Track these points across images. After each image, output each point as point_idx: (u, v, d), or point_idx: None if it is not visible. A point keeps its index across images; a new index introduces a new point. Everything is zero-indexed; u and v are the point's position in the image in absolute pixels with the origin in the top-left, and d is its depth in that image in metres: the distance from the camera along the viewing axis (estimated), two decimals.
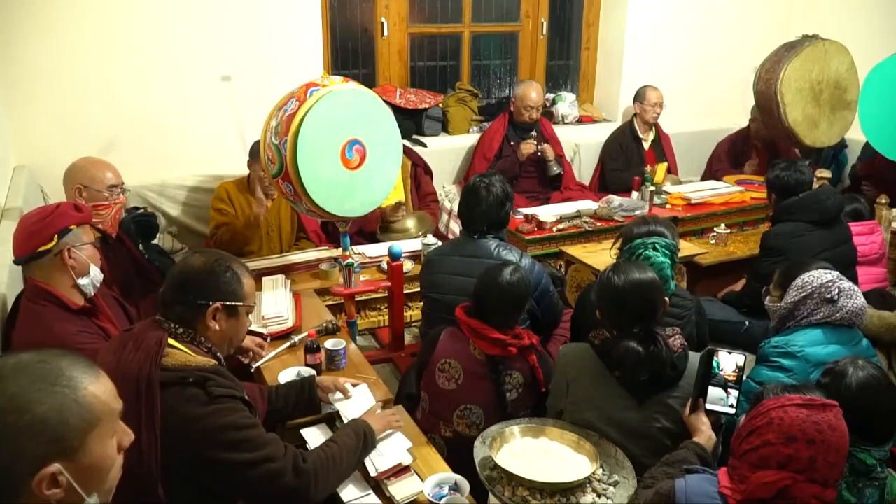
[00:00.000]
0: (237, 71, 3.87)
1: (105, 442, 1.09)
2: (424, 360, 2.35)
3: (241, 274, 1.80)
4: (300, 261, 3.34)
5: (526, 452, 1.91)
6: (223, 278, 1.76)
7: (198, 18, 3.74)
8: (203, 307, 1.72)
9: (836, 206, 3.20)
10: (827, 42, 4.25)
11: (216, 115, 3.85)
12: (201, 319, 1.73)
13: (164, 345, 1.64)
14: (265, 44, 3.91)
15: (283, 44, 3.96)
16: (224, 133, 3.84)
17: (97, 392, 1.09)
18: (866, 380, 1.76)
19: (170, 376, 1.60)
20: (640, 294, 2.03)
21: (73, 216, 2.10)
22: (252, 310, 1.87)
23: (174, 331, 1.71)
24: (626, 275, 2.05)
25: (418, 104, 4.62)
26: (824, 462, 1.41)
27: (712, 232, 4.05)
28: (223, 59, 3.84)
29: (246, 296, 1.81)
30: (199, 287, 1.74)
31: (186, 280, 1.76)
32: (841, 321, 2.29)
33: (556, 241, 3.74)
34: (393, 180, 2.97)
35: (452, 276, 2.72)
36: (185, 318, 1.73)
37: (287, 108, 2.63)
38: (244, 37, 3.86)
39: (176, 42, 3.72)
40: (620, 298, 2.04)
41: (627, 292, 2.03)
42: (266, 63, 3.91)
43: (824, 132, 4.32)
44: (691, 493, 1.50)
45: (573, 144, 5.01)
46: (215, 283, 1.75)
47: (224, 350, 1.81)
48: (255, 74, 3.88)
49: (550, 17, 5.13)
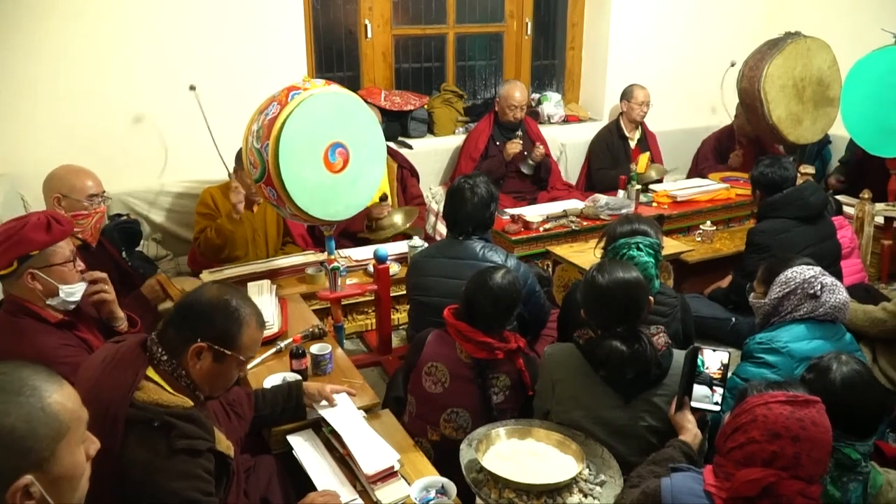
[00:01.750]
0: (220, 75, 3.85)
1: (74, 450, 1.07)
2: (411, 363, 2.34)
3: (246, 322, 1.66)
4: (286, 265, 3.32)
5: (512, 454, 1.90)
6: (223, 318, 1.63)
7: (181, 23, 3.72)
8: (189, 341, 1.62)
9: (819, 202, 3.22)
10: (809, 39, 4.27)
11: (200, 120, 3.83)
12: (186, 353, 1.63)
13: (139, 377, 1.58)
14: (249, 48, 3.90)
15: (267, 47, 3.94)
16: (208, 138, 3.81)
17: (62, 400, 1.07)
18: (850, 375, 1.77)
19: (137, 415, 1.53)
20: (624, 293, 2.03)
21: (37, 241, 1.99)
22: (245, 365, 1.72)
23: (158, 357, 1.63)
24: (611, 274, 2.05)
25: (403, 106, 4.61)
26: (808, 458, 1.42)
27: (698, 229, 4.06)
28: (206, 64, 3.82)
29: (242, 346, 1.66)
30: (195, 318, 1.64)
31: (188, 306, 1.66)
32: (824, 316, 2.31)
33: (543, 241, 3.74)
34: (377, 183, 2.96)
35: (438, 278, 2.71)
36: (173, 345, 1.64)
37: (268, 112, 2.61)
38: (227, 41, 3.84)
39: (158, 47, 3.70)
40: (604, 297, 2.04)
41: (611, 291, 2.03)
42: (250, 67, 3.89)
43: (808, 129, 4.34)
44: (677, 492, 1.50)
45: (559, 144, 5.02)
46: (211, 321, 1.63)
47: (205, 392, 1.69)
48: (239, 79, 3.86)
49: (535, 17, 5.14)
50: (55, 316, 2.07)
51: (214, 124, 3.70)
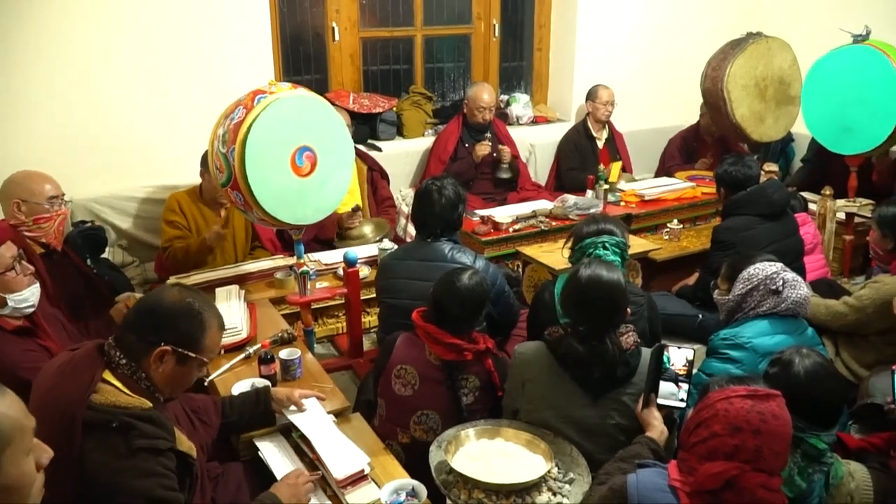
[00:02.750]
0: (185, 78, 3.81)
1: (20, 461, 1.05)
2: (380, 366, 2.34)
3: (209, 324, 1.68)
4: (255, 270, 3.29)
5: (481, 454, 1.91)
6: (186, 321, 1.65)
7: (145, 25, 3.67)
8: (153, 345, 1.62)
9: (782, 200, 3.28)
10: (770, 39, 4.35)
11: (165, 123, 3.79)
12: (147, 357, 1.62)
13: (96, 380, 1.56)
14: (214, 51, 3.86)
15: (234, 51, 3.90)
16: (174, 142, 3.77)
17: (4, 409, 1.05)
18: (813, 367, 1.81)
19: (95, 417, 1.52)
20: (603, 294, 2.03)
21: None
22: (206, 366, 1.74)
23: (116, 361, 1.62)
24: (594, 272, 2.06)
25: (372, 108, 4.61)
26: (769, 451, 1.44)
27: (666, 228, 4.12)
28: (171, 67, 3.77)
29: (204, 349, 1.68)
30: (158, 323, 1.63)
31: (149, 311, 1.66)
32: (786, 311, 2.35)
33: (513, 242, 3.76)
34: (346, 186, 2.95)
35: (407, 280, 2.71)
36: (134, 349, 1.63)
37: (234, 116, 2.60)
38: (192, 44, 3.80)
39: (121, 50, 3.64)
40: (583, 295, 2.05)
41: (591, 290, 2.04)
42: (215, 70, 3.85)
43: (770, 127, 4.42)
44: (643, 487, 1.52)
45: (528, 145, 5.05)
46: (175, 324, 1.64)
47: (165, 394, 1.69)
48: (205, 82, 3.83)
49: (502, 18, 5.16)
50: (12, 323, 2.04)
51: (181, 128, 3.66)
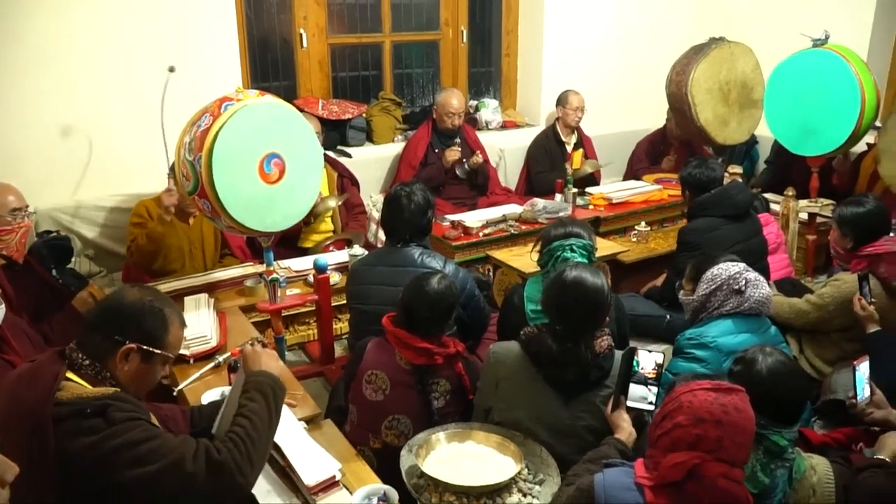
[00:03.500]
0: (153, 86, 3.77)
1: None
2: (351, 372, 2.34)
3: (171, 321, 1.72)
4: (224, 278, 3.27)
5: (452, 458, 1.92)
6: (150, 320, 1.67)
7: (111, 33, 3.64)
8: (118, 343, 1.63)
9: (745, 201, 3.34)
10: (732, 44, 4.43)
11: (131, 132, 3.75)
12: (112, 356, 1.64)
13: (60, 378, 1.55)
14: (181, 58, 3.82)
15: (200, 57, 3.88)
16: (140, 150, 3.73)
17: None
18: (775, 365, 1.85)
19: (64, 411, 1.50)
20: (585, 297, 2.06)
21: None
22: (170, 361, 1.77)
23: (80, 363, 1.62)
24: (579, 274, 2.10)
25: (341, 115, 4.61)
26: (731, 442, 1.48)
27: (634, 230, 4.17)
28: (138, 75, 3.74)
29: (168, 345, 1.71)
30: (122, 321, 1.65)
31: (112, 311, 1.68)
32: (749, 310, 2.40)
33: (483, 246, 3.79)
34: (315, 192, 2.95)
35: (378, 286, 2.72)
36: (97, 349, 1.64)
37: (201, 124, 2.58)
38: (158, 52, 3.77)
39: (87, 57, 3.61)
40: (566, 296, 2.08)
41: (573, 291, 2.07)
42: (183, 77, 3.81)
43: (735, 130, 4.50)
44: (609, 486, 1.55)
45: (498, 150, 5.08)
46: (139, 322, 1.66)
47: (131, 393, 1.68)
48: (172, 89, 3.79)
49: (470, 25, 5.20)
50: None
51: (147, 137, 3.63)
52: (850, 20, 4.74)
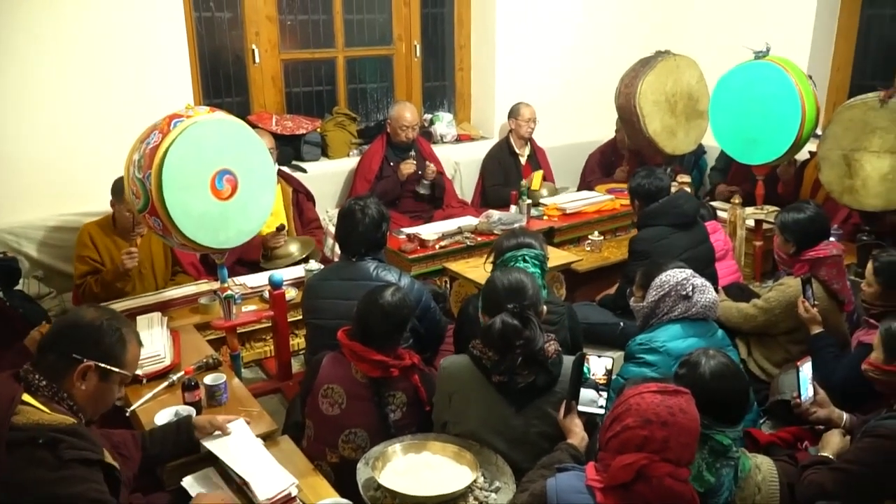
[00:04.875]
0: (100, 103, 3.73)
1: None
2: (307, 387, 2.34)
3: (128, 340, 1.75)
4: (177, 296, 3.23)
5: (408, 469, 1.94)
6: (108, 338, 1.70)
7: (58, 48, 3.58)
8: (75, 362, 1.65)
9: (693, 210, 3.43)
10: (678, 56, 4.56)
11: (78, 150, 3.69)
12: (70, 375, 1.65)
13: (16, 402, 1.54)
14: (129, 75, 3.79)
15: (149, 74, 3.84)
16: (88, 168, 3.67)
17: None
18: (717, 367, 1.91)
19: (19, 436, 1.49)
20: (514, 282, 2.14)
21: None
22: (127, 380, 1.80)
23: (36, 383, 1.62)
24: (507, 272, 2.15)
25: (296, 130, 4.60)
26: (676, 442, 1.53)
27: (587, 239, 4.24)
28: (84, 92, 3.69)
29: (126, 364, 1.74)
30: (79, 340, 1.67)
31: (69, 330, 1.69)
32: (696, 315, 2.47)
33: (439, 259, 3.81)
34: (269, 208, 2.94)
35: (333, 300, 2.72)
36: (54, 369, 1.64)
37: (150, 141, 2.56)
38: (106, 68, 3.73)
39: (32, 73, 3.54)
40: (497, 290, 2.13)
41: (503, 284, 2.14)
42: (131, 95, 3.78)
43: (682, 140, 4.63)
44: (561, 490, 1.58)
45: (453, 163, 5.13)
46: (97, 341, 1.69)
47: (87, 414, 1.71)
48: (120, 106, 3.75)
49: (423, 40, 5.25)
50: None
51: (95, 154, 3.58)
52: (790, 33, 4.91)
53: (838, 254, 3.00)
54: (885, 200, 3.57)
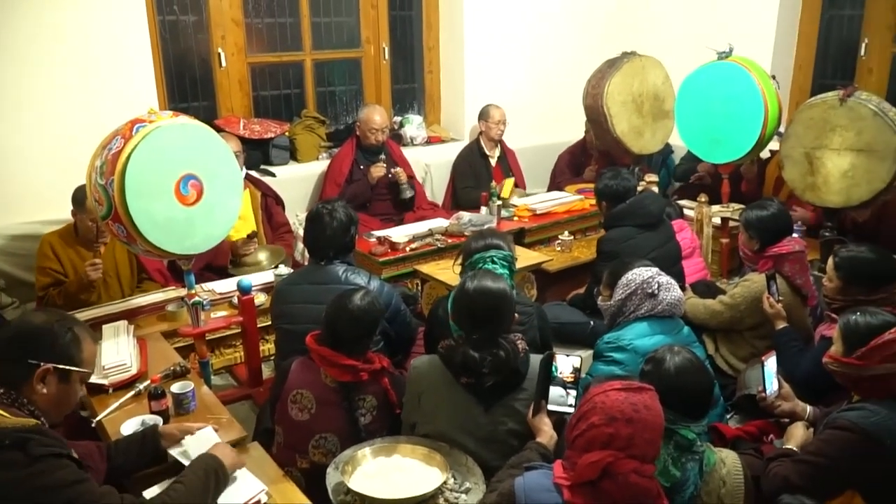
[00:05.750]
0: (61, 109, 3.67)
1: None
2: (276, 393, 2.32)
3: (82, 338, 1.75)
4: (144, 304, 3.19)
5: (378, 472, 1.93)
6: (62, 340, 1.70)
7: (16, 52, 3.51)
8: (33, 367, 1.65)
9: (659, 209, 3.47)
10: (643, 57, 4.62)
11: (38, 155, 3.62)
12: (28, 381, 1.65)
13: None
14: (91, 79, 3.74)
15: (112, 79, 3.79)
16: (50, 175, 3.61)
17: None
18: (682, 363, 1.94)
19: None
20: (487, 302, 2.11)
21: None
22: (88, 377, 1.81)
23: None
24: (480, 282, 2.14)
25: (264, 134, 4.57)
26: (641, 439, 1.54)
27: (557, 240, 4.26)
28: (45, 96, 3.63)
29: (83, 362, 1.76)
30: (33, 345, 1.67)
31: (21, 336, 1.69)
32: (663, 312, 2.51)
33: (410, 261, 3.81)
34: (236, 213, 2.92)
35: (302, 304, 2.70)
36: (11, 377, 1.65)
37: (112, 147, 2.52)
38: (67, 72, 3.67)
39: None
40: (470, 304, 2.13)
41: (477, 298, 2.12)
42: (93, 100, 3.73)
43: (649, 140, 4.68)
44: (529, 489, 1.59)
45: (423, 165, 5.13)
46: (51, 344, 1.69)
47: (50, 417, 1.71)
48: (82, 112, 3.69)
49: (391, 42, 5.24)
50: None
51: (56, 161, 3.52)
52: (753, 34, 4.99)
53: (801, 250, 3.05)
54: (846, 197, 3.64)
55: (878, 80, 4.87)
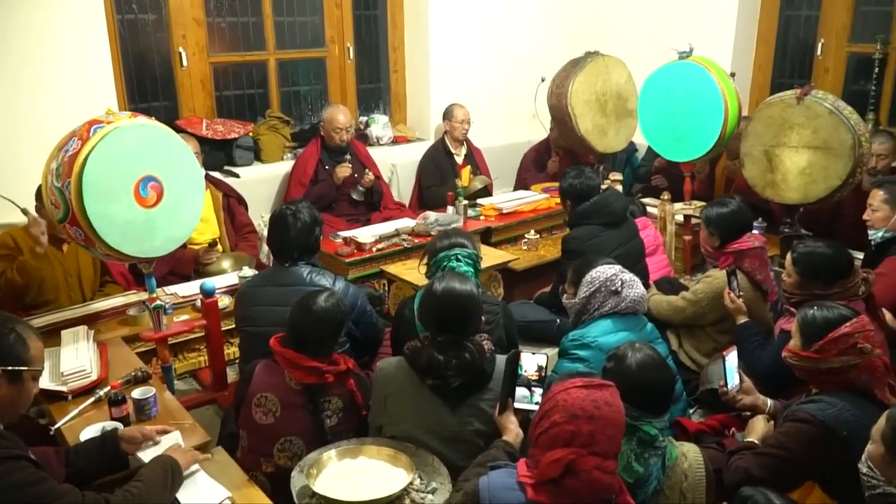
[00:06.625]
0: (16, 110, 3.58)
1: None
2: (240, 396, 2.30)
3: (26, 336, 1.74)
4: (105, 308, 3.13)
5: (344, 474, 1.93)
6: (5, 341, 1.69)
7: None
8: None
9: (622, 208, 3.51)
10: (607, 57, 4.66)
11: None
12: None
13: None
14: (47, 79, 3.65)
15: (69, 79, 3.71)
16: (4, 177, 3.51)
17: None
18: (643, 359, 1.96)
19: None
20: (455, 303, 2.12)
21: None
22: (39, 374, 1.80)
23: None
24: (447, 284, 2.15)
25: (227, 134, 4.51)
26: (603, 435, 1.56)
27: (524, 238, 4.28)
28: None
29: (32, 360, 1.74)
30: None
31: None
32: (626, 309, 2.53)
33: (377, 261, 3.79)
34: (198, 214, 2.87)
35: (267, 307, 2.68)
36: None
37: (68, 148, 2.47)
38: (23, 72, 3.58)
39: None
40: (437, 306, 2.13)
41: (444, 300, 2.12)
42: (49, 100, 3.64)
43: (613, 139, 4.73)
44: (493, 488, 1.59)
45: (390, 165, 5.11)
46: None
47: (5, 418, 1.70)
48: (37, 113, 3.61)
49: (356, 41, 5.22)
50: None
51: (11, 162, 3.43)
52: (713, 34, 5.06)
53: (760, 246, 3.11)
54: (804, 194, 3.72)
55: (833, 80, 4.98)
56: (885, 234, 3.17)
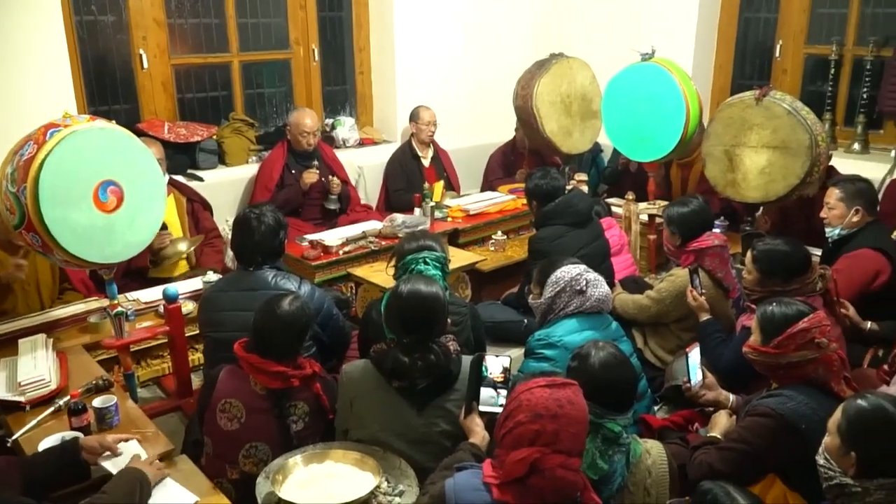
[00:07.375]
0: None
1: None
2: (204, 402, 2.27)
3: None
4: (65, 316, 3.06)
5: (310, 480, 1.91)
6: None
7: None
8: None
9: (587, 208, 3.54)
10: (571, 59, 4.70)
11: None
12: None
13: None
14: (3, 81, 3.57)
15: (24, 81, 3.63)
16: None
17: None
18: (606, 358, 1.99)
19: None
20: (420, 305, 2.12)
21: None
22: None
23: None
24: (413, 286, 2.15)
25: (190, 137, 4.45)
26: (567, 433, 1.57)
27: (491, 239, 4.30)
28: None
29: None
30: None
31: None
32: (591, 308, 2.56)
33: (344, 264, 3.77)
34: (160, 217, 2.83)
35: (231, 312, 2.65)
36: None
37: (24, 153, 2.42)
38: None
39: None
40: (402, 308, 2.13)
41: (409, 302, 2.12)
42: (5, 102, 3.56)
43: (578, 140, 4.77)
44: (459, 489, 1.59)
45: (356, 167, 5.09)
46: None
47: None
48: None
49: (321, 43, 5.19)
50: None
51: None
52: (675, 35, 5.13)
53: (721, 244, 3.15)
54: (763, 192, 3.79)
55: (791, 81, 5.08)
56: (840, 232, 3.24)
